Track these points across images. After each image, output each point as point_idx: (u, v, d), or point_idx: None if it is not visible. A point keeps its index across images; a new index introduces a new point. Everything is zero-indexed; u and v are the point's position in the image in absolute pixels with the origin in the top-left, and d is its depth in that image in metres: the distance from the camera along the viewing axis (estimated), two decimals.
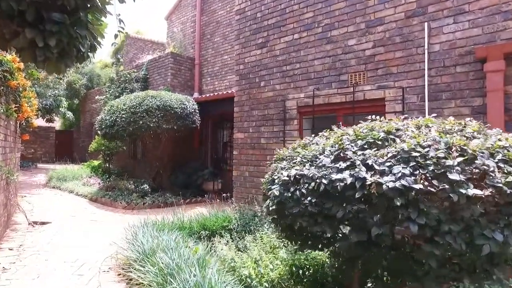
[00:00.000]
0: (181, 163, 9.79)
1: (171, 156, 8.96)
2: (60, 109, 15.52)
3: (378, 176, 1.73)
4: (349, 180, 1.80)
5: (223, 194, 5.93)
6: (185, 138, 9.60)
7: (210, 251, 3.78)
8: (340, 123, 2.92)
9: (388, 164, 1.75)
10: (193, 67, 10.65)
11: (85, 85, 18.80)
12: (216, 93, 9.18)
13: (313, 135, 2.79)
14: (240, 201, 5.44)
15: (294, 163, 2.31)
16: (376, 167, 1.76)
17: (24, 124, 6.47)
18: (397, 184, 1.62)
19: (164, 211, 7.26)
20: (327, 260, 3.38)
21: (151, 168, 10.42)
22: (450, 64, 3.53)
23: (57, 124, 20.85)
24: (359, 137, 2.09)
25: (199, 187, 9.20)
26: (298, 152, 2.38)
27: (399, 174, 1.66)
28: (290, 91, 4.97)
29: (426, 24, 3.69)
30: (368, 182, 1.73)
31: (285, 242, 3.92)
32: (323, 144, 2.26)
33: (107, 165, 10.81)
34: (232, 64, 9.63)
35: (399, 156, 1.75)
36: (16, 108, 4.80)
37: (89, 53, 3.54)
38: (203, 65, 10.61)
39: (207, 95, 9.48)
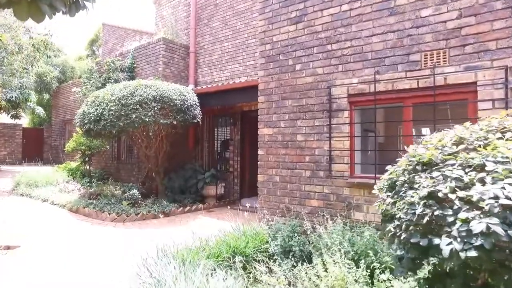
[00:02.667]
0: (176, 164, 8.57)
1: (165, 157, 7.73)
2: (28, 103, 13.70)
3: None
4: None
5: (241, 201, 4.86)
6: (180, 136, 8.41)
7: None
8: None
9: None
10: (188, 55, 9.43)
11: (58, 77, 16.92)
12: (220, 84, 8.04)
13: (459, 129, 1.80)
14: (269, 212, 4.39)
15: (482, 170, 1.31)
16: None
17: None
18: None
19: (163, 222, 6.07)
20: None
21: (139, 170, 9.12)
22: None
23: (25, 120, 18.74)
24: None
25: (198, 192, 8.04)
26: (485, 152, 1.38)
27: None
28: (338, 76, 3.99)
29: None
30: None
31: (356, 273, 2.94)
32: None
33: (87, 167, 9.35)
34: (234, 52, 8.54)
35: None
36: None
37: (86, 2, 2.36)
38: (199, 53, 9.42)
39: (208, 86, 8.32)
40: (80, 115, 6.71)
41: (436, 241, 1.33)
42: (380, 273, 2.66)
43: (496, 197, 1.18)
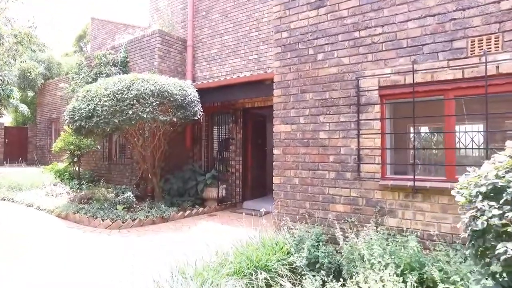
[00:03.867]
0: (173, 165, 8.04)
1: (162, 157, 7.18)
2: (11, 100, 12.79)
3: None
4: None
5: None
6: (177, 134, 7.90)
7: None
8: None
9: None
10: (185, 49, 8.89)
11: (43, 74, 16.03)
12: (222, 79, 7.55)
13: None
14: (287, 218, 3.93)
15: None
16: None
17: None
18: None
19: (162, 229, 5.53)
20: None
21: (132, 172, 8.53)
22: None
23: (7, 119, 17.75)
24: None
25: (197, 194, 7.52)
26: None
27: None
28: (367, 66, 3.56)
29: None
30: None
31: None
32: None
33: (76, 168, 8.69)
34: (235, 46, 8.05)
35: None
36: None
37: None
38: (197, 47, 8.89)
39: (209, 81, 7.80)
40: (69, 112, 6.10)
41: None
42: None
43: None
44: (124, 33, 12.13)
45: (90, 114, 5.70)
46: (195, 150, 8.69)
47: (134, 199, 6.74)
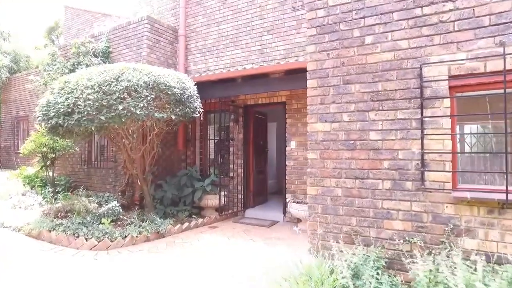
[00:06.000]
0: (164, 169, 7.10)
1: (153, 161, 6.23)
2: None
3: None
4: None
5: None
6: (169, 134, 6.99)
7: None
8: None
9: None
10: (176, 39, 7.95)
11: (8, 67, 14.39)
12: (225, 71, 6.69)
13: None
14: (328, 238, 3.19)
15: None
16: None
17: None
18: None
19: (160, 248, 4.55)
20: None
21: (116, 177, 7.48)
22: None
23: None
24: None
25: (193, 203, 6.62)
26: None
27: None
28: (434, 50, 2.88)
29: None
30: None
31: None
32: None
33: (50, 173, 7.51)
34: (234, 36, 7.23)
35: None
36: None
37: None
38: (190, 37, 7.97)
39: (203, 74, 6.91)
40: (43, 107, 5.03)
41: None
42: None
43: None
44: (103, 23, 10.97)
45: (69, 110, 4.68)
46: (189, 153, 7.77)
47: (121, 210, 5.77)
